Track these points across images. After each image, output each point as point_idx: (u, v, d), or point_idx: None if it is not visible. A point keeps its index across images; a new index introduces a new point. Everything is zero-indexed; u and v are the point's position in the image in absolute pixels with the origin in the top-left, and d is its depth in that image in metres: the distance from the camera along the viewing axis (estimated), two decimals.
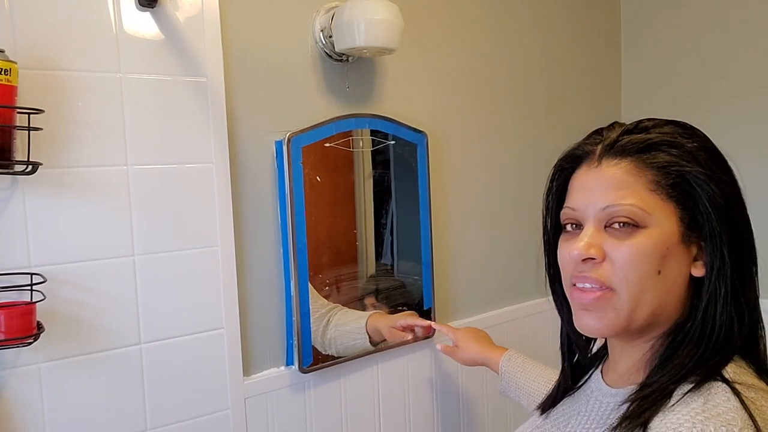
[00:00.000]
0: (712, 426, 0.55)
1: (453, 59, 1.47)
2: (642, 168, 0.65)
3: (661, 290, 0.64)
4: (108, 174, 0.99)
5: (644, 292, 0.64)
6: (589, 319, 0.67)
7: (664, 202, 0.64)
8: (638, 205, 0.64)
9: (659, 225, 0.64)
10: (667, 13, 1.81)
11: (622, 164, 0.65)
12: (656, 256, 0.63)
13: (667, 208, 0.64)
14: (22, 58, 0.89)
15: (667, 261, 0.64)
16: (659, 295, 0.64)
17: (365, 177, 1.30)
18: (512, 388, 1.15)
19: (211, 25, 1.08)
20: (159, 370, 1.05)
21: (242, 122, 1.15)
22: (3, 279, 0.90)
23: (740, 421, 0.56)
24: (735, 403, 0.58)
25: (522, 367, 1.15)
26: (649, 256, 0.63)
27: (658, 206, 0.64)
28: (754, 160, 1.62)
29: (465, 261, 1.53)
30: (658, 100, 1.84)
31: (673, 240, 0.64)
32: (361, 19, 1.11)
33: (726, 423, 0.55)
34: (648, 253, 0.63)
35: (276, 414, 1.20)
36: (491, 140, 1.57)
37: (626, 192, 0.64)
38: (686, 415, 0.57)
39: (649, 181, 0.64)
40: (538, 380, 1.11)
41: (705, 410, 0.57)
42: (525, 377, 1.13)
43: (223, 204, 1.10)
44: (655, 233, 0.64)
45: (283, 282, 1.20)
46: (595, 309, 0.66)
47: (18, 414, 0.93)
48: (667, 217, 0.64)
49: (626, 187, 0.64)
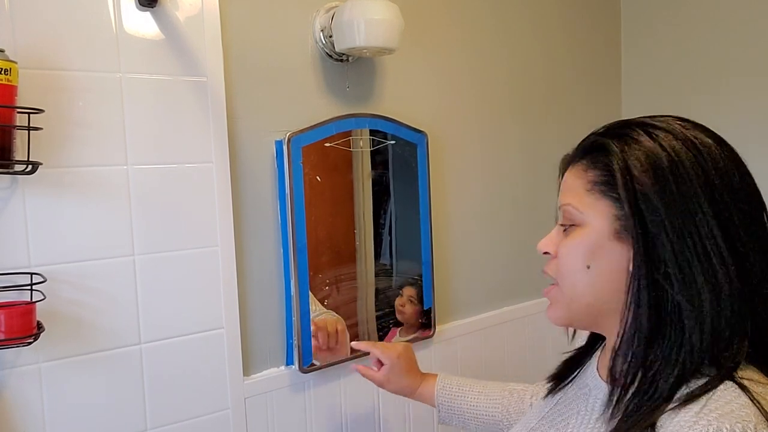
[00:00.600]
0: (727, 423, 0.55)
1: (453, 59, 1.47)
2: (587, 169, 0.69)
3: (591, 283, 0.68)
4: (108, 174, 0.99)
5: (574, 284, 0.69)
6: (549, 312, 0.74)
7: (599, 201, 0.67)
8: (573, 205, 0.69)
9: (590, 223, 0.67)
10: (667, 12, 1.81)
11: (574, 168, 0.71)
12: (582, 251, 0.67)
13: (600, 206, 0.67)
14: (22, 57, 0.89)
15: (597, 256, 0.67)
16: (591, 287, 0.68)
17: (365, 177, 1.30)
18: (454, 416, 1.07)
19: (211, 24, 1.08)
20: (159, 370, 1.05)
21: (242, 122, 1.15)
22: (3, 279, 0.90)
23: (753, 417, 0.55)
24: (745, 399, 0.57)
25: (459, 391, 1.07)
26: (576, 252, 0.68)
27: (592, 205, 0.67)
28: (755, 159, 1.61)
29: (465, 261, 1.53)
30: (659, 100, 1.84)
31: (602, 236, 0.66)
32: (361, 19, 1.11)
33: (740, 419, 0.55)
34: (574, 250, 0.68)
35: (276, 414, 1.20)
36: (491, 140, 1.57)
37: (570, 193, 0.70)
38: (699, 414, 0.57)
39: (588, 182, 0.68)
40: (480, 398, 1.06)
41: (717, 408, 0.57)
42: (466, 401, 1.06)
43: (223, 204, 1.10)
44: (585, 231, 0.67)
45: (283, 282, 1.20)
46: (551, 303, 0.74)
47: (18, 414, 0.93)
48: (599, 215, 0.67)
49: (571, 188, 0.70)
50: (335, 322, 1.23)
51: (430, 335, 1.41)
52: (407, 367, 1.10)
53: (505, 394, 1.05)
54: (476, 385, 1.08)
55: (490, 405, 1.05)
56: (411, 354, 1.13)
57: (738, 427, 0.54)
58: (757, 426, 0.54)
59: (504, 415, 1.04)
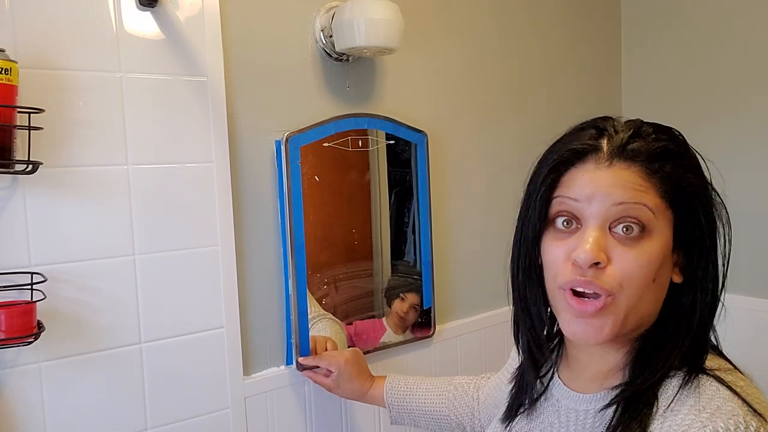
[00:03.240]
0: (720, 422, 0.56)
1: (453, 59, 1.47)
2: (652, 173, 0.63)
3: (653, 297, 0.64)
4: (108, 173, 0.99)
5: (640, 299, 0.63)
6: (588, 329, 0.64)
7: (667, 210, 0.64)
8: (650, 207, 0.62)
9: (661, 232, 0.63)
10: (667, 12, 1.81)
11: (634, 168, 0.63)
12: (656, 265, 0.63)
13: (668, 215, 0.64)
14: (22, 57, 0.89)
15: (662, 269, 0.64)
16: (650, 301, 0.64)
17: (365, 177, 1.30)
18: (404, 415, 1.10)
19: (212, 24, 1.08)
20: (159, 370, 1.06)
21: (242, 121, 1.15)
22: (3, 278, 0.90)
23: (739, 408, 0.57)
24: (726, 392, 0.59)
25: (407, 390, 1.10)
26: (652, 265, 0.62)
27: (663, 213, 0.64)
28: (755, 159, 1.62)
29: (465, 260, 1.53)
30: (659, 100, 1.84)
31: (668, 248, 0.64)
32: (362, 19, 1.11)
33: (730, 415, 0.56)
34: (651, 262, 0.62)
35: (276, 413, 1.20)
36: (491, 140, 1.57)
37: (641, 193, 0.62)
38: (689, 415, 0.58)
39: (659, 188, 0.63)
40: (427, 395, 1.08)
41: (705, 407, 0.58)
42: (414, 399, 1.09)
43: (223, 203, 1.10)
44: (657, 241, 0.63)
45: (283, 281, 1.20)
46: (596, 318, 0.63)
47: (18, 413, 0.93)
48: (667, 225, 0.64)
49: (641, 189, 0.63)
50: (324, 341, 1.20)
51: (430, 335, 1.42)
52: (356, 371, 1.14)
53: (450, 388, 1.08)
54: (423, 383, 1.11)
55: (437, 400, 1.08)
56: (360, 359, 1.16)
57: (731, 423, 0.55)
58: (746, 418, 0.56)
59: (450, 409, 1.06)
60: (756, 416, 0.57)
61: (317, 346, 1.19)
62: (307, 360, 1.17)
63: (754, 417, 0.57)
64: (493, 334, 1.59)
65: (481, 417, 1.02)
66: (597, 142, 0.66)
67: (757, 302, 1.61)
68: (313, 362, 1.16)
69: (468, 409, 1.05)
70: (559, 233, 0.67)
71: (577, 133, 0.71)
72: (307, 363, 1.17)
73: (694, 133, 0.72)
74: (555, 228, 0.68)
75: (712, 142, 1.64)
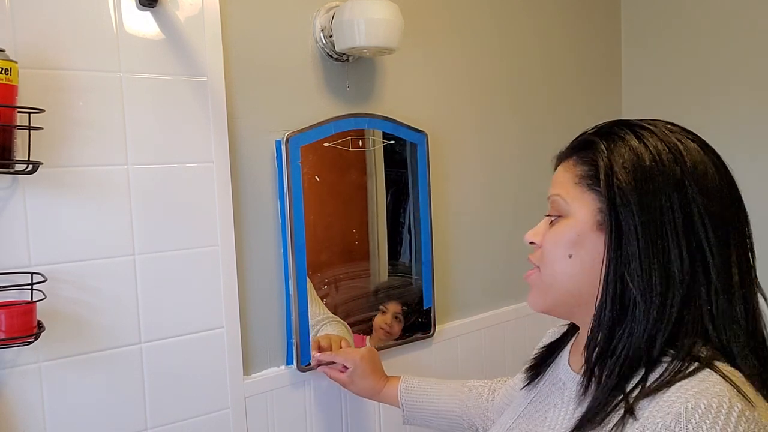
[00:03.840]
0: (704, 399, 0.58)
1: (453, 59, 1.47)
2: (576, 164, 0.72)
3: (571, 272, 0.71)
4: (108, 173, 0.99)
5: (556, 272, 0.72)
6: (529, 297, 0.77)
7: (584, 194, 0.70)
8: (561, 196, 0.72)
9: (575, 214, 0.70)
10: (667, 12, 1.82)
11: (566, 163, 0.74)
12: (565, 241, 0.71)
13: (585, 198, 0.70)
14: (22, 57, 0.89)
15: (579, 246, 0.70)
16: (571, 276, 0.71)
17: (365, 177, 1.30)
18: (416, 415, 1.12)
19: (212, 24, 1.08)
20: (159, 370, 1.06)
21: (243, 121, 1.15)
22: (3, 278, 0.90)
23: (727, 391, 0.59)
24: (716, 377, 0.61)
25: (421, 390, 1.13)
26: (559, 242, 0.71)
27: (578, 197, 0.70)
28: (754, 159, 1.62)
29: (465, 260, 1.53)
30: (659, 100, 1.84)
31: (585, 227, 0.69)
32: (362, 19, 1.11)
33: (716, 395, 0.58)
34: (558, 239, 0.71)
35: (276, 413, 1.20)
36: (491, 140, 1.57)
37: (559, 186, 0.73)
38: (676, 393, 0.60)
39: (576, 176, 0.71)
40: (442, 396, 1.11)
41: (693, 386, 0.60)
42: (428, 399, 1.11)
43: (223, 203, 1.10)
44: (569, 221, 0.71)
45: (283, 281, 1.20)
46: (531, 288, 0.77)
47: (18, 413, 0.93)
48: (583, 207, 0.70)
49: (560, 181, 0.73)
50: (339, 339, 1.22)
51: (430, 335, 1.42)
52: (370, 369, 1.15)
53: (464, 390, 1.10)
54: (437, 384, 1.13)
55: (450, 401, 1.10)
56: (375, 357, 1.18)
57: (714, 401, 0.57)
58: (732, 400, 0.57)
59: (463, 410, 1.08)
60: (743, 400, 0.58)
61: (332, 343, 1.20)
62: (324, 355, 1.18)
63: (742, 400, 0.58)
64: (493, 334, 1.59)
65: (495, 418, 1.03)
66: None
67: None
68: (329, 358, 1.18)
69: (481, 411, 1.07)
70: None
71: None
72: (323, 358, 1.18)
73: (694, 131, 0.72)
74: None
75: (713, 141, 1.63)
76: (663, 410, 0.59)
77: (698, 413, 0.57)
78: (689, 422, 0.56)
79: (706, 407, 0.57)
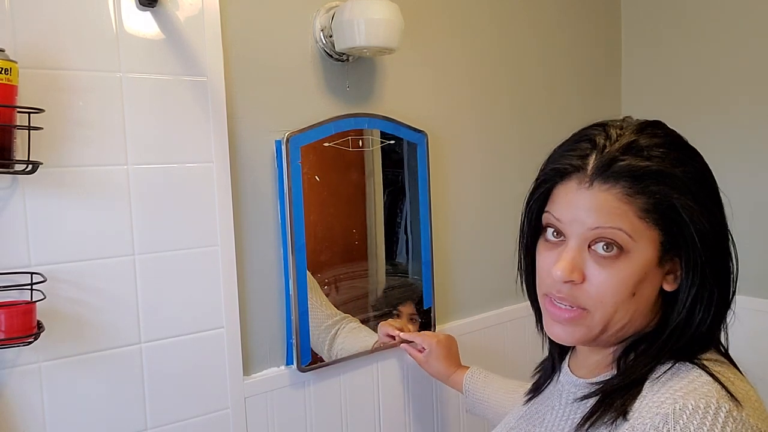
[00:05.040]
0: (692, 399, 0.59)
1: (453, 59, 1.47)
2: (633, 195, 0.64)
3: (633, 309, 0.67)
4: (108, 173, 0.99)
5: (617, 312, 0.66)
6: (560, 332, 0.69)
7: (650, 230, 0.65)
8: (626, 230, 0.64)
9: (641, 251, 0.65)
10: (667, 12, 1.81)
11: (614, 190, 0.64)
12: (634, 281, 0.65)
13: (651, 234, 0.65)
14: (22, 57, 0.89)
15: (643, 283, 0.66)
16: (631, 313, 0.67)
17: (365, 176, 1.30)
18: (477, 404, 1.19)
19: (212, 24, 1.08)
20: (159, 370, 1.06)
21: (242, 121, 1.15)
22: (3, 278, 0.90)
23: (715, 392, 0.60)
24: (706, 377, 0.62)
25: (484, 382, 1.19)
26: (627, 283, 0.65)
27: (644, 233, 0.65)
28: (756, 160, 1.62)
29: (465, 261, 1.53)
30: (659, 100, 1.84)
31: (651, 265, 0.66)
32: (362, 19, 1.11)
33: (703, 395, 0.59)
34: (626, 280, 0.65)
35: (276, 413, 1.20)
36: (491, 140, 1.57)
37: (616, 217, 0.64)
38: (665, 394, 0.61)
39: (639, 209, 0.64)
40: (500, 392, 1.15)
41: (681, 387, 0.61)
42: (488, 392, 1.17)
43: (223, 203, 1.10)
44: (636, 260, 0.65)
45: (283, 281, 1.20)
46: (567, 324, 0.68)
47: (18, 413, 0.93)
48: (650, 243, 0.65)
49: (617, 213, 0.64)
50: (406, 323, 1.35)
51: None
52: (445, 353, 1.25)
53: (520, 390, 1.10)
54: (500, 380, 1.19)
55: (504, 398, 1.13)
56: (452, 344, 1.28)
57: (702, 402, 0.58)
58: (719, 401, 0.58)
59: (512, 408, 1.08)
60: (732, 400, 0.59)
61: (404, 327, 1.33)
62: (406, 334, 1.29)
63: (730, 400, 0.59)
64: (493, 334, 1.59)
65: None
66: (582, 162, 0.67)
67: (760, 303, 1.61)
68: (410, 337, 1.29)
69: None
70: (548, 243, 0.71)
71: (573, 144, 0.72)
72: (406, 337, 1.29)
73: (694, 133, 0.72)
74: (546, 237, 0.71)
75: (713, 142, 1.64)
76: (652, 410, 0.60)
77: (686, 414, 0.57)
78: (677, 423, 0.57)
79: (694, 408, 0.58)
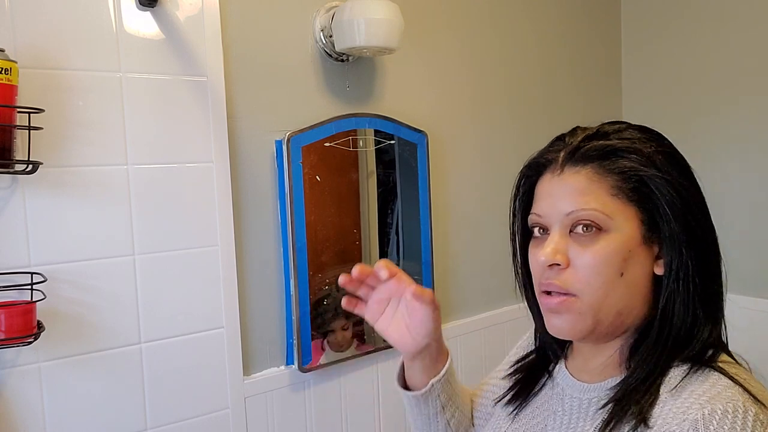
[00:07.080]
0: (719, 404, 0.58)
1: (453, 59, 1.47)
2: (603, 174, 0.66)
3: (624, 291, 0.66)
4: (108, 173, 0.99)
5: (607, 295, 0.65)
6: (557, 321, 0.68)
7: (625, 206, 0.65)
8: (600, 210, 0.65)
9: (620, 229, 0.65)
10: (667, 12, 1.81)
11: (583, 171, 0.67)
12: (618, 259, 0.65)
13: (628, 211, 0.65)
14: (22, 57, 0.89)
15: (629, 263, 0.65)
16: (623, 296, 0.66)
17: (366, 176, 1.30)
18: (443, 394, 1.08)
19: (211, 24, 1.08)
20: (159, 370, 1.06)
21: (242, 121, 1.15)
22: (3, 278, 0.90)
23: (739, 395, 0.59)
24: (726, 380, 0.61)
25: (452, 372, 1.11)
26: (611, 261, 0.65)
27: (620, 210, 0.65)
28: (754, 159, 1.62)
29: (465, 261, 1.53)
30: (659, 100, 1.84)
31: (634, 242, 0.65)
32: (362, 19, 1.11)
33: (729, 399, 0.58)
34: (610, 258, 0.65)
35: (276, 413, 1.20)
36: (491, 140, 1.57)
37: (589, 198, 0.65)
38: (688, 399, 0.60)
39: (611, 186, 0.65)
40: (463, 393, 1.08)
41: (704, 392, 0.60)
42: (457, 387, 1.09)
43: (223, 203, 1.10)
44: (616, 237, 0.65)
45: (283, 281, 1.20)
46: (560, 311, 0.67)
47: (18, 413, 0.93)
48: (628, 220, 0.65)
49: (589, 192, 0.66)
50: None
51: None
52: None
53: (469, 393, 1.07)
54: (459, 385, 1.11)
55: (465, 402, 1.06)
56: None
57: (729, 406, 0.57)
58: (745, 404, 0.58)
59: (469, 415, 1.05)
60: (756, 403, 0.59)
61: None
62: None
63: (755, 404, 0.58)
64: (493, 334, 1.59)
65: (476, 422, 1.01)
66: (555, 155, 0.71)
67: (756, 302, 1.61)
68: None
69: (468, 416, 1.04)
70: (536, 240, 0.72)
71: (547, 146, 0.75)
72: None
73: (694, 132, 0.72)
74: (534, 236, 0.72)
75: (713, 142, 1.64)
76: (678, 417, 0.59)
77: (716, 419, 0.57)
78: (707, 428, 0.56)
79: (723, 412, 0.57)
